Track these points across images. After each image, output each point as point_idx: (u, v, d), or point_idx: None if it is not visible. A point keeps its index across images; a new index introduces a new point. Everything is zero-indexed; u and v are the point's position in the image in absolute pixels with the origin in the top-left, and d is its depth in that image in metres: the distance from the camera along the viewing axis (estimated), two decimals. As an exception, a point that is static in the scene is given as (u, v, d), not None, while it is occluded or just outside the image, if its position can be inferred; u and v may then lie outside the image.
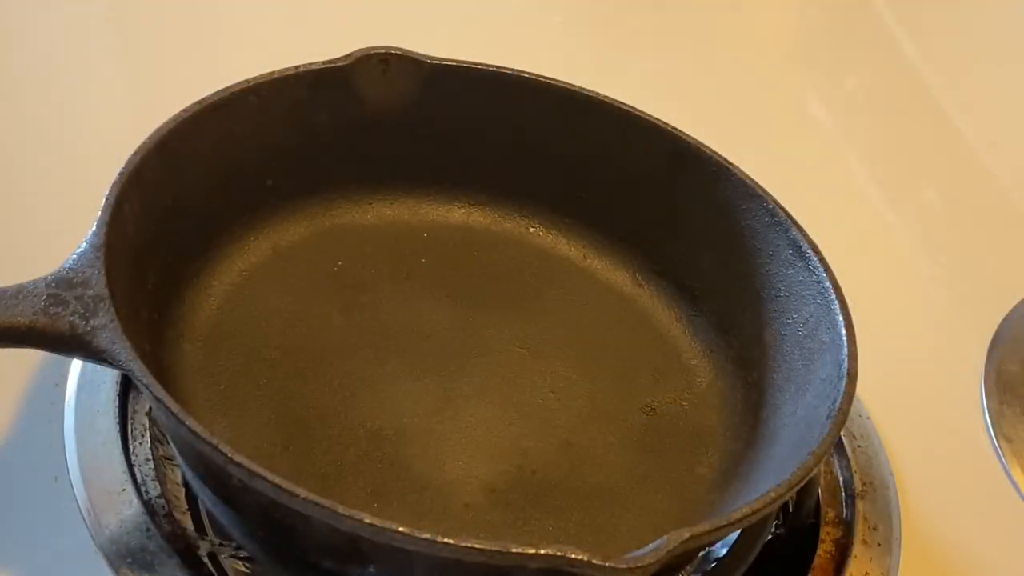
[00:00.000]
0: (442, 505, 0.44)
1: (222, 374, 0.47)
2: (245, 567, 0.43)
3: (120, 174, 0.43)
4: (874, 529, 0.49)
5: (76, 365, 0.47)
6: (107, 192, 0.42)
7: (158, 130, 0.45)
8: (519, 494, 0.45)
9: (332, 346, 0.49)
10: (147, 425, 0.46)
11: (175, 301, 0.47)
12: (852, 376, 0.43)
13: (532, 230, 0.56)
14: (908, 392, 0.58)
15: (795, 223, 0.49)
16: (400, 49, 0.51)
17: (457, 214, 0.56)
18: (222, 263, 0.50)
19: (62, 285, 0.40)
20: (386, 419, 0.46)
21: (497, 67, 0.53)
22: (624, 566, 0.34)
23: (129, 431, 0.46)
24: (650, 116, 0.53)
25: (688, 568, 0.44)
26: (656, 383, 0.51)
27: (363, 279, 0.52)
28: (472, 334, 0.51)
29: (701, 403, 0.50)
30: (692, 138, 0.52)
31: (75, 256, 0.40)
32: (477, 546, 0.34)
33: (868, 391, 0.52)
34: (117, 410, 0.46)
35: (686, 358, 0.52)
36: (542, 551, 0.34)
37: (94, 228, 0.41)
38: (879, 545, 0.48)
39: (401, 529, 0.34)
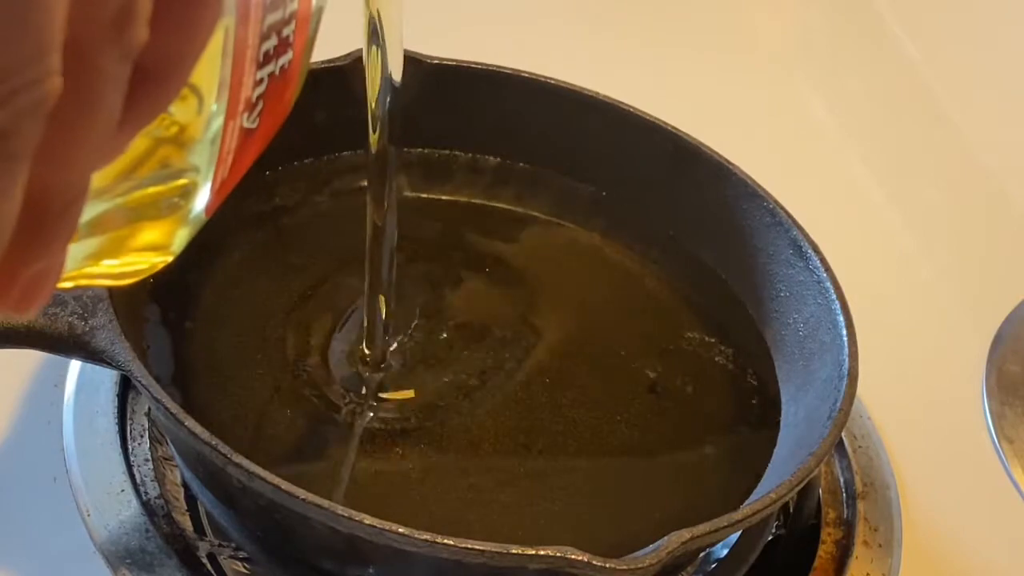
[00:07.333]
0: (446, 485, 0.44)
1: (222, 372, 0.46)
2: (244, 568, 0.43)
3: (119, 173, 0.43)
4: (875, 530, 0.49)
5: (75, 366, 0.47)
6: (106, 191, 0.42)
7: (157, 129, 0.45)
8: (524, 474, 0.45)
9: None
10: (146, 425, 0.46)
11: (174, 300, 0.47)
12: (853, 376, 0.43)
13: (531, 230, 0.56)
14: (909, 393, 0.58)
15: (796, 223, 0.49)
16: (400, 49, 0.51)
17: (457, 213, 0.56)
18: (222, 260, 0.50)
19: (61, 285, 0.39)
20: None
21: (497, 67, 0.53)
22: (624, 567, 0.34)
23: (128, 431, 0.46)
24: (651, 116, 0.53)
25: (689, 568, 0.44)
26: (657, 380, 0.50)
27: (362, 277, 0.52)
28: (476, 320, 0.51)
29: (702, 404, 0.50)
30: (692, 138, 0.52)
31: (74, 256, 0.40)
32: (477, 547, 0.34)
33: (869, 392, 0.52)
34: (116, 410, 0.46)
35: (686, 358, 0.52)
36: (542, 551, 0.34)
37: (93, 228, 0.41)
38: (880, 546, 0.48)
39: (401, 530, 0.34)
